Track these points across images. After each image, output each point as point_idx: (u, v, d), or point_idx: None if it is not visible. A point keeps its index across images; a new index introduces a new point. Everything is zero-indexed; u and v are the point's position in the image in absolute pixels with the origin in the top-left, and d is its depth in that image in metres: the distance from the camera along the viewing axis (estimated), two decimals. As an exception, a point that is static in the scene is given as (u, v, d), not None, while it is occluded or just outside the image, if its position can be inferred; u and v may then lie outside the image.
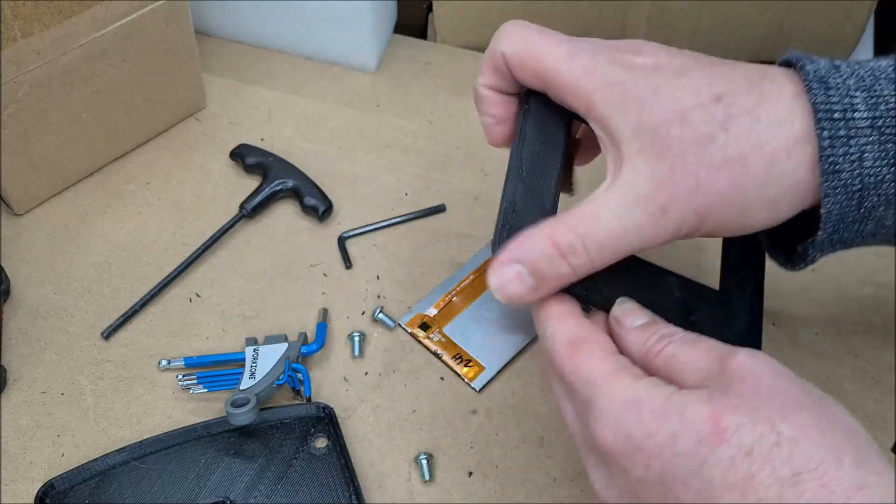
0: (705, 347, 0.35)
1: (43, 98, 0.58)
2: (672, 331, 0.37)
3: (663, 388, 0.34)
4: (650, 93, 0.36)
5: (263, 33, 0.75)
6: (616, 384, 0.34)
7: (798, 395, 0.32)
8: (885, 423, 0.52)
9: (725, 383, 0.33)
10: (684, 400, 0.32)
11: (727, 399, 0.32)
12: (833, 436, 0.31)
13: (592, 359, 0.36)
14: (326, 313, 0.57)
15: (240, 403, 0.49)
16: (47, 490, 0.48)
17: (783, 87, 0.36)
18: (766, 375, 0.33)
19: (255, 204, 0.62)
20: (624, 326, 0.38)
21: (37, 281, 0.59)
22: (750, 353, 0.34)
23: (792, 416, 0.31)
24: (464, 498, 0.49)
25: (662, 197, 0.36)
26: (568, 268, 0.37)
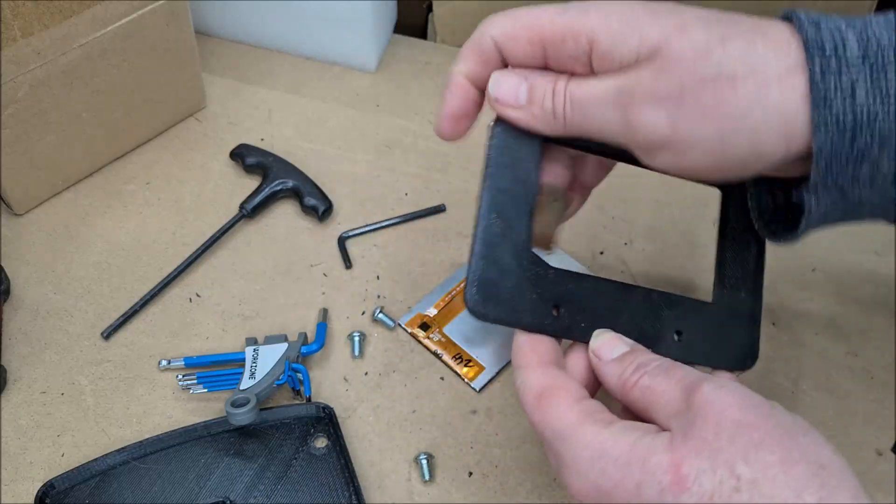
0: (676, 378, 0.35)
1: (43, 98, 0.58)
2: (648, 360, 0.37)
3: (628, 434, 0.34)
4: (649, 16, 0.36)
5: (263, 33, 0.75)
6: (582, 435, 0.35)
7: (764, 429, 0.32)
8: (885, 423, 0.52)
9: (690, 422, 0.33)
10: (648, 448, 0.33)
11: (689, 444, 0.32)
12: (797, 473, 0.31)
13: (559, 409, 0.36)
14: (326, 313, 0.57)
15: (240, 403, 0.49)
16: (47, 490, 0.48)
17: (779, 28, 0.36)
18: (730, 409, 0.32)
19: (255, 204, 0.62)
20: (602, 359, 0.39)
21: (37, 281, 0.59)
22: (715, 385, 0.33)
23: (754, 455, 0.31)
24: (464, 498, 0.49)
25: (640, 92, 0.36)
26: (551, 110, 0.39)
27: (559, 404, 0.36)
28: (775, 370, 0.54)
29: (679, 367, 0.36)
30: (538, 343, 0.39)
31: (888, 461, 0.50)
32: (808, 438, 0.32)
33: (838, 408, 0.53)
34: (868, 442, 0.51)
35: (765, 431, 0.32)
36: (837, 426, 0.52)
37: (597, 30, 0.37)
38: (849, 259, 0.59)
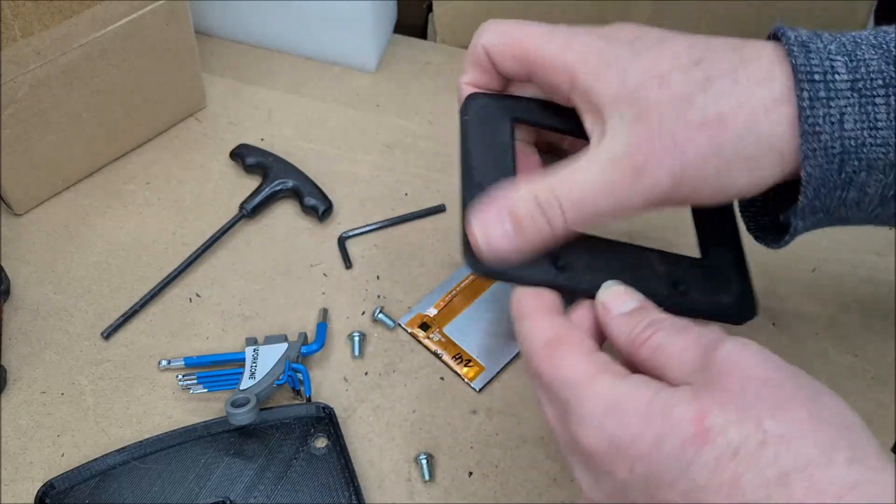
0: (693, 337, 0.34)
1: (43, 98, 0.58)
2: (661, 318, 0.36)
3: (647, 386, 0.33)
4: (630, 57, 0.37)
5: (263, 33, 0.75)
6: (597, 386, 0.33)
7: (789, 388, 0.31)
8: (885, 422, 0.52)
9: (712, 378, 0.32)
10: (669, 399, 0.31)
11: (712, 396, 0.31)
12: (825, 431, 0.30)
13: (571, 360, 0.35)
14: (326, 313, 0.57)
15: (240, 403, 0.49)
16: (47, 490, 0.48)
17: (764, 52, 0.36)
18: (754, 367, 0.32)
19: (255, 204, 0.62)
20: (610, 313, 0.37)
21: (37, 281, 0.59)
22: (738, 343, 0.32)
23: (781, 411, 0.30)
24: (464, 498, 0.49)
25: (638, 157, 0.35)
26: (546, 224, 0.37)
27: (571, 355, 0.35)
28: (775, 370, 0.54)
29: (694, 326, 0.35)
30: (541, 293, 0.38)
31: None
32: (835, 400, 0.31)
33: (838, 408, 0.53)
34: (868, 442, 0.51)
35: (791, 390, 0.31)
36: (837, 426, 0.52)
37: (577, 67, 0.38)
38: (849, 259, 0.59)
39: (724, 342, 0.33)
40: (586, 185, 0.36)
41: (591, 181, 0.36)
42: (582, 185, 0.36)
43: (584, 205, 0.36)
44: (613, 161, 0.36)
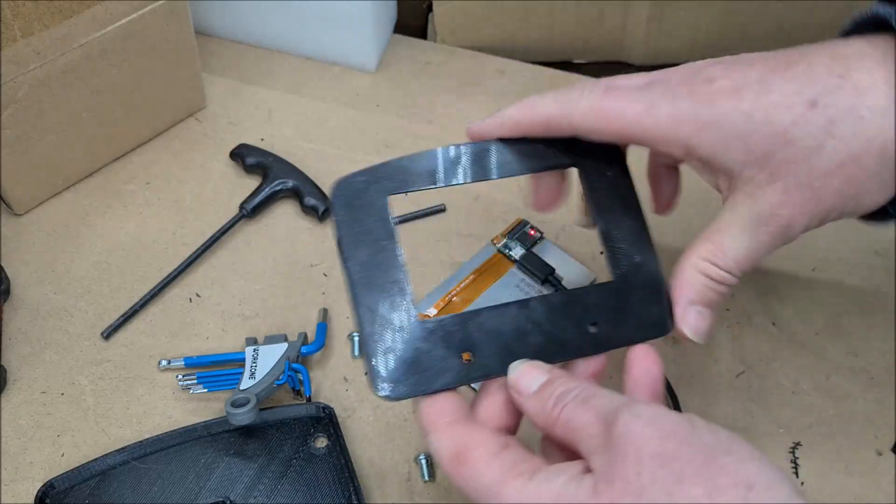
0: (593, 411, 0.34)
1: (43, 98, 0.58)
2: (566, 389, 0.36)
3: (552, 484, 0.33)
4: (745, 122, 0.37)
5: (263, 33, 0.75)
6: (506, 493, 0.34)
7: (685, 459, 0.31)
8: (885, 423, 0.52)
9: (611, 461, 0.32)
10: (574, 496, 0.32)
11: (612, 488, 0.31)
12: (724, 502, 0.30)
13: (478, 468, 0.35)
14: (326, 313, 0.57)
15: (240, 403, 0.49)
16: (47, 490, 0.48)
17: (873, 72, 0.36)
18: (648, 442, 0.32)
19: (255, 204, 0.62)
20: (522, 395, 0.37)
21: (37, 281, 0.59)
22: (631, 416, 0.33)
23: (678, 490, 0.30)
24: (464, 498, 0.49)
25: (783, 215, 0.37)
26: (725, 289, 0.39)
27: (477, 462, 0.35)
28: (775, 370, 0.54)
29: (596, 394, 0.35)
30: (441, 402, 0.38)
31: (888, 461, 0.50)
32: (732, 457, 0.31)
33: (838, 408, 0.53)
34: (868, 442, 0.51)
35: (686, 461, 0.31)
36: (837, 426, 0.52)
37: (693, 142, 0.38)
38: (849, 259, 0.59)
39: (619, 416, 0.33)
40: (742, 251, 0.38)
41: (743, 245, 0.38)
42: (738, 253, 0.38)
43: (746, 266, 0.39)
44: (759, 223, 0.38)
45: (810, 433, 0.51)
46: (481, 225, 0.62)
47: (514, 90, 0.72)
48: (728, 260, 0.38)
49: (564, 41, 0.75)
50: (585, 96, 0.40)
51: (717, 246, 0.39)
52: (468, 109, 0.70)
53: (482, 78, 0.73)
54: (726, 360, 0.55)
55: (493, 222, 0.62)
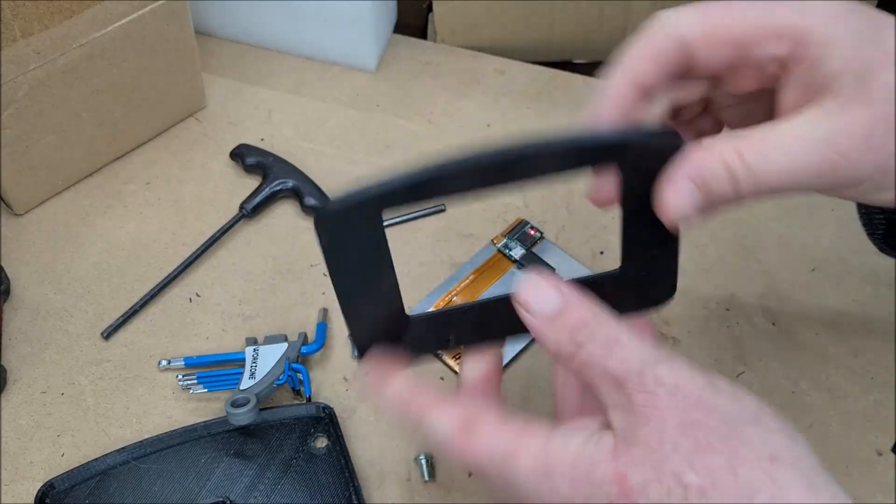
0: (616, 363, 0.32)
1: (43, 98, 0.58)
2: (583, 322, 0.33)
3: (571, 442, 0.32)
4: (870, 29, 0.33)
5: (263, 33, 0.75)
6: (524, 454, 0.33)
7: (709, 427, 0.30)
8: (885, 423, 0.52)
9: (632, 425, 0.31)
10: (592, 458, 0.31)
11: (632, 452, 0.31)
12: (746, 473, 0.29)
13: (490, 437, 0.34)
14: (326, 313, 0.57)
15: (240, 403, 0.49)
16: (47, 490, 0.48)
17: None
18: (672, 411, 0.31)
19: (255, 204, 0.62)
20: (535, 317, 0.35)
21: (37, 281, 0.59)
22: (655, 383, 0.31)
23: (700, 460, 0.30)
24: (464, 498, 0.49)
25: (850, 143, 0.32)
26: (732, 191, 0.34)
27: (489, 430, 0.34)
28: (775, 370, 0.54)
29: (618, 341, 0.33)
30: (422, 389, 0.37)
31: (888, 461, 0.50)
32: (758, 428, 0.30)
33: (838, 408, 0.53)
34: (868, 442, 0.51)
35: (710, 430, 0.30)
36: (837, 426, 0.52)
37: (813, 30, 0.33)
38: (849, 259, 0.59)
39: (643, 378, 0.31)
40: (784, 163, 0.33)
41: (792, 161, 0.33)
42: (779, 163, 0.33)
43: (769, 181, 0.33)
44: (823, 143, 0.32)
45: (810, 433, 0.51)
46: (481, 225, 0.62)
47: (514, 90, 0.72)
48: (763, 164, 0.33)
49: (564, 41, 0.75)
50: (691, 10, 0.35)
51: (758, 146, 0.33)
52: (468, 109, 0.70)
53: (482, 78, 0.73)
54: (726, 360, 0.55)
55: (493, 222, 0.62)
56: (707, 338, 0.56)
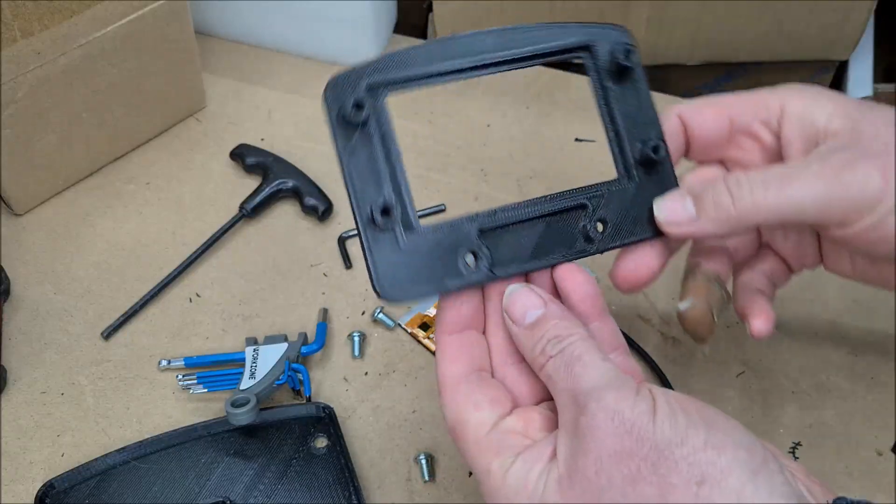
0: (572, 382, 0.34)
1: (43, 98, 0.58)
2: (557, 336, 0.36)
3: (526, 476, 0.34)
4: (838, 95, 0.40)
5: (263, 33, 0.75)
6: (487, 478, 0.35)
7: (640, 457, 0.31)
8: (885, 423, 0.52)
9: (574, 453, 0.33)
10: (543, 494, 0.33)
11: (575, 487, 0.32)
12: (676, 500, 0.30)
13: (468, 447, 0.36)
14: (326, 313, 0.57)
15: (240, 403, 0.49)
16: (47, 490, 0.48)
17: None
18: (608, 439, 0.32)
19: (255, 204, 0.62)
20: (515, 323, 0.37)
21: (37, 281, 0.59)
22: (598, 406, 0.33)
23: (633, 491, 0.31)
24: (464, 498, 0.49)
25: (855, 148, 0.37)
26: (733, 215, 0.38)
27: (470, 443, 0.36)
28: (775, 370, 0.54)
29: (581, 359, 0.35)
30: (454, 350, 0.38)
31: (888, 461, 0.50)
32: (686, 448, 0.31)
33: (838, 408, 0.52)
34: (868, 442, 0.51)
35: (640, 459, 0.31)
36: (837, 426, 0.52)
37: (788, 96, 0.40)
38: (849, 259, 0.59)
39: (589, 404, 0.33)
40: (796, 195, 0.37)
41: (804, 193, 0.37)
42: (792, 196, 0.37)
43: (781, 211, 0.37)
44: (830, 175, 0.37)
45: (810, 433, 0.51)
46: (481, 225, 0.62)
47: (514, 90, 0.72)
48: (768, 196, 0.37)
49: (564, 41, 0.75)
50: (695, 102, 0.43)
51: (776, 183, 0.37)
52: (468, 109, 0.70)
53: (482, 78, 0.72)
54: (726, 360, 0.55)
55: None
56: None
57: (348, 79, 0.39)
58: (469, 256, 0.38)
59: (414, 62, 0.40)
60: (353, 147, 0.38)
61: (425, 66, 0.40)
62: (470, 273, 0.38)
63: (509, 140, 0.68)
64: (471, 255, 0.38)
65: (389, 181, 0.38)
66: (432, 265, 0.38)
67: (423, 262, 0.38)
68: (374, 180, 0.38)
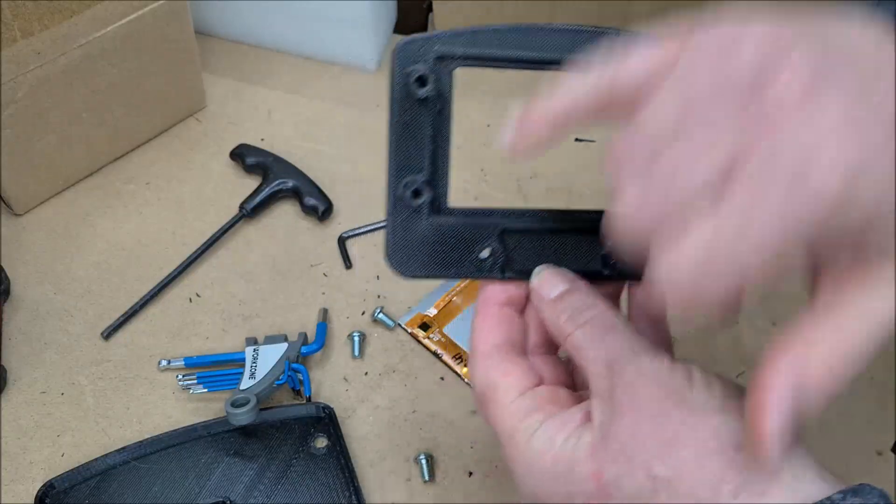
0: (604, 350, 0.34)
1: (43, 98, 0.58)
2: (583, 306, 0.36)
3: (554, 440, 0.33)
4: None
5: (263, 33, 0.75)
6: (514, 445, 0.35)
7: (679, 419, 0.31)
8: (885, 423, 0.52)
9: (609, 418, 0.32)
10: (571, 457, 0.33)
11: (608, 448, 0.32)
12: (712, 464, 0.30)
13: (496, 413, 0.36)
14: (326, 313, 0.57)
15: (240, 403, 0.49)
16: (47, 490, 0.48)
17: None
18: (646, 403, 0.32)
19: (255, 204, 0.62)
20: (542, 299, 0.37)
21: (37, 281, 0.59)
22: (636, 372, 0.33)
23: (668, 453, 0.31)
24: (464, 498, 0.49)
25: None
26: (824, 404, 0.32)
27: (496, 406, 0.36)
28: (775, 370, 0.54)
29: (612, 329, 0.35)
30: (492, 322, 0.38)
31: (888, 461, 0.50)
32: (724, 417, 0.31)
33: (838, 408, 0.52)
34: (868, 442, 0.51)
35: (679, 422, 0.31)
36: (837, 426, 0.52)
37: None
38: (849, 259, 0.59)
39: (626, 369, 0.33)
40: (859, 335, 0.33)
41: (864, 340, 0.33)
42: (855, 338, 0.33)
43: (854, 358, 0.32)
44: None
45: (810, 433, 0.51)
46: (481, 225, 0.62)
47: (514, 90, 0.72)
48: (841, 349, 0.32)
49: (564, 41, 0.75)
50: None
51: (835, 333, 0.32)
52: (468, 109, 0.70)
53: (482, 78, 0.73)
54: (726, 360, 0.54)
55: (493, 222, 0.62)
56: (707, 338, 0.56)
57: (421, 44, 0.38)
58: (486, 251, 0.38)
59: (488, 42, 0.39)
60: (406, 115, 0.38)
61: (499, 48, 0.39)
62: (481, 268, 0.38)
63: (509, 140, 0.68)
64: (487, 251, 0.38)
65: (430, 162, 0.38)
66: (447, 251, 0.38)
67: (439, 245, 0.38)
68: (418, 157, 0.38)
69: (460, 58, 0.38)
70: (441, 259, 0.38)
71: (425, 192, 0.38)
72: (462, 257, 0.38)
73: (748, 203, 0.27)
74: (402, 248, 0.38)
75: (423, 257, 0.38)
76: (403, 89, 0.37)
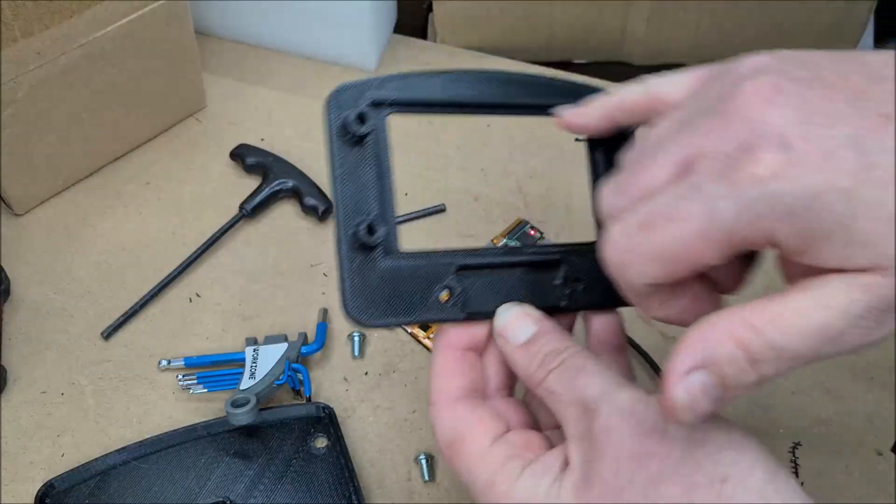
0: (578, 390, 0.34)
1: (43, 98, 0.58)
2: (554, 350, 0.35)
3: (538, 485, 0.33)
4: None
5: (263, 33, 0.75)
6: (498, 493, 0.34)
7: (661, 456, 0.31)
8: (885, 423, 0.52)
9: (590, 459, 0.32)
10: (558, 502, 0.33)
11: (592, 492, 0.32)
12: (700, 499, 0.30)
13: (470, 463, 0.35)
14: (326, 313, 0.57)
15: (240, 403, 0.49)
16: (47, 490, 0.48)
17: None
18: (627, 440, 0.31)
19: (255, 204, 0.62)
20: (508, 343, 0.37)
21: (37, 281, 0.59)
22: (612, 409, 0.32)
23: (654, 491, 0.31)
24: (464, 498, 0.49)
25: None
26: (755, 378, 0.29)
27: (469, 456, 0.35)
28: (775, 370, 0.54)
29: (584, 369, 0.34)
30: (454, 368, 0.37)
31: (888, 461, 0.50)
32: (707, 448, 0.31)
33: (838, 408, 0.53)
34: (868, 442, 0.51)
35: (662, 459, 0.31)
36: (837, 426, 0.52)
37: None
38: (849, 259, 0.59)
39: (602, 408, 0.32)
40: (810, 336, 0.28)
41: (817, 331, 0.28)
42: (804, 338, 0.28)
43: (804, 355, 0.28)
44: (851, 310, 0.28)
45: (810, 433, 0.51)
46: (481, 225, 0.62)
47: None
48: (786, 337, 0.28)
49: (564, 41, 0.75)
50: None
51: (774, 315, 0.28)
52: (468, 109, 0.70)
53: (482, 78, 0.73)
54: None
55: (493, 222, 0.62)
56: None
57: (354, 89, 0.39)
58: (444, 292, 0.38)
59: (421, 88, 0.39)
60: (347, 160, 0.38)
61: (432, 93, 0.39)
62: (442, 309, 0.37)
63: (509, 140, 0.69)
64: (446, 291, 0.38)
65: (378, 201, 0.38)
66: (406, 294, 0.37)
67: (397, 290, 0.37)
68: (363, 197, 0.38)
69: (395, 103, 0.39)
70: (401, 303, 0.37)
71: (380, 228, 0.37)
72: (423, 299, 0.37)
73: (682, 193, 0.29)
74: (360, 294, 0.37)
75: (382, 303, 0.37)
76: (342, 129, 0.38)
